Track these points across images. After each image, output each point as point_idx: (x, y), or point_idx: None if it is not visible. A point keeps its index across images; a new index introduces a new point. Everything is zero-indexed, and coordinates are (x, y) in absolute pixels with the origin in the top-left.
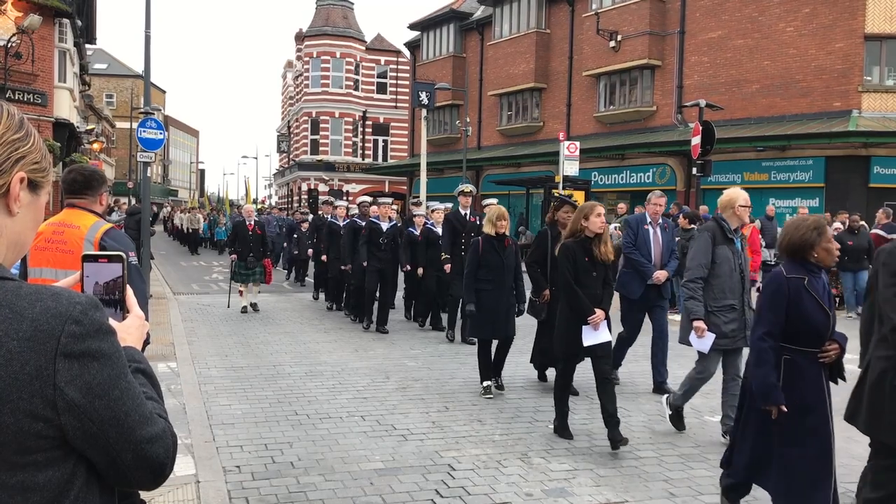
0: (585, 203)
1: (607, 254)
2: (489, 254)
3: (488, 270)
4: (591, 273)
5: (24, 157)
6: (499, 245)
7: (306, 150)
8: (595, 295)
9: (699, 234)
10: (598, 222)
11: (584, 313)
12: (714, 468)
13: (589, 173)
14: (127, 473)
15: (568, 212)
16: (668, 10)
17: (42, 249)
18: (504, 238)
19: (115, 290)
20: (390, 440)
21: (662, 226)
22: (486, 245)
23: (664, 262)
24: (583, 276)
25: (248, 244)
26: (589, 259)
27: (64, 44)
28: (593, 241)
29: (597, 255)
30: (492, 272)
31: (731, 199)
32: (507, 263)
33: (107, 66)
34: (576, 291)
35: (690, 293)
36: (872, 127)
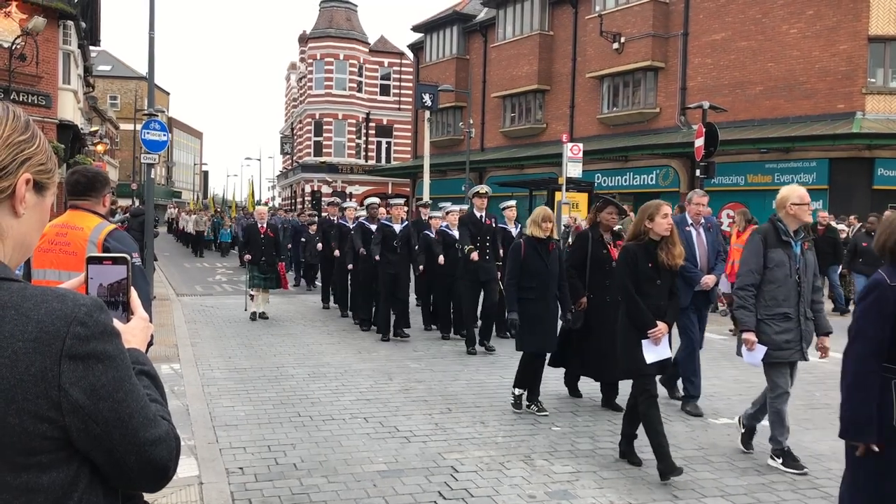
0: (650, 202)
1: (675, 259)
2: (532, 259)
3: (531, 277)
4: (654, 281)
5: (29, 158)
6: (543, 249)
7: (310, 151)
8: (658, 306)
9: (751, 237)
10: (665, 224)
11: (645, 326)
12: (717, 470)
13: (592, 175)
14: (130, 475)
15: (612, 213)
16: (671, 11)
17: (46, 251)
18: (549, 241)
19: (120, 291)
20: (393, 442)
21: (706, 226)
22: (529, 249)
23: (710, 266)
24: (646, 284)
25: (261, 248)
26: (653, 265)
27: (68, 46)
28: (659, 244)
29: (662, 260)
30: (535, 279)
31: (784, 197)
32: (551, 269)
33: (111, 68)
34: (637, 301)
35: (741, 302)
36: (876, 129)
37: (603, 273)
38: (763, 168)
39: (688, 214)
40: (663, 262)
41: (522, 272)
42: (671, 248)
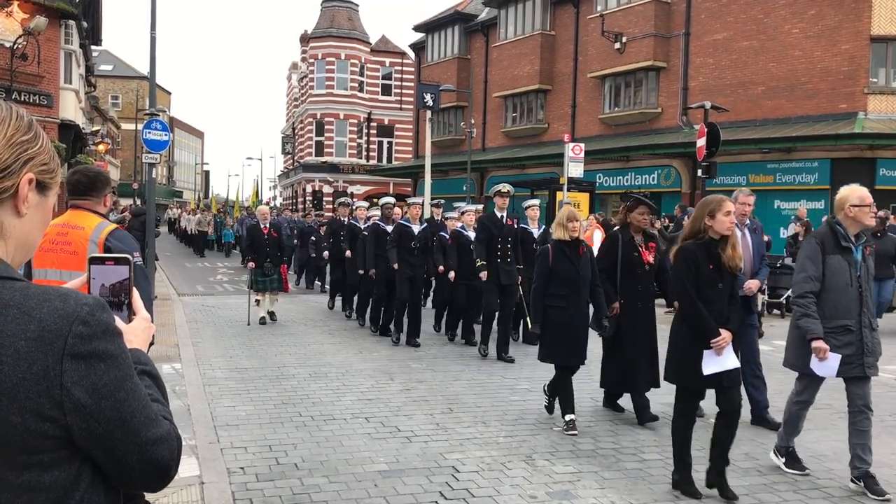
0: (710, 197)
1: (736, 260)
2: (561, 263)
3: (561, 283)
4: (716, 284)
5: (32, 158)
6: (572, 252)
7: (311, 151)
8: (720, 312)
9: (806, 241)
10: (727, 222)
11: (708, 335)
12: None
13: (594, 175)
14: (132, 475)
15: (643, 213)
16: (673, 11)
17: (47, 251)
18: (578, 244)
19: (122, 291)
20: (394, 442)
21: (751, 227)
22: (558, 253)
23: (755, 270)
24: (707, 287)
25: (265, 249)
26: (714, 267)
27: (70, 45)
28: (720, 244)
29: (724, 262)
30: (565, 285)
31: (843, 199)
32: (582, 275)
33: (112, 68)
34: (698, 308)
35: (802, 310)
36: (878, 129)
37: (635, 278)
38: (765, 168)
39: None
40: (725, 264)
41: (551, 278)
42: (731, 249)
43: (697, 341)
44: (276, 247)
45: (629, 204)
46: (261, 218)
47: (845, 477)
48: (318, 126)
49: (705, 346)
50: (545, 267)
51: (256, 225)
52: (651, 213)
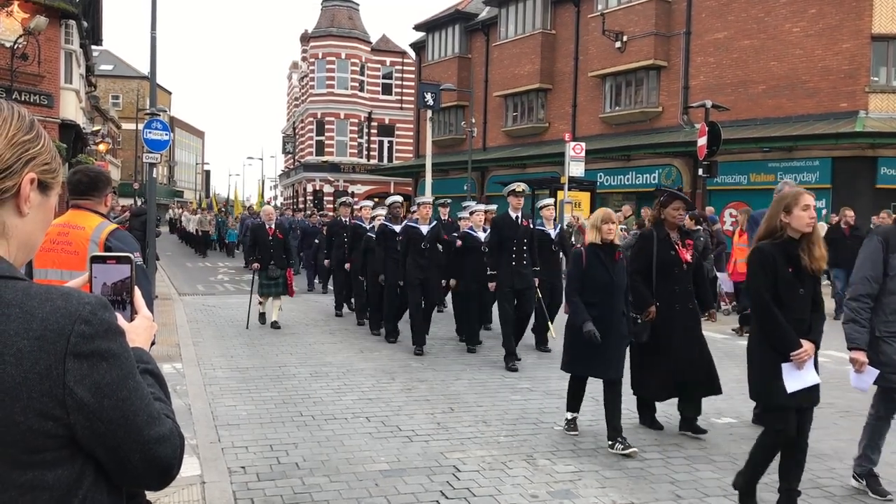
0: (787, 190)
1: (819, 262)
2: (595, 269)
3: (593, 290)
4: (796, 289)
5: (34, 157)
6: (607, 257)
7: (311, 151)
8: (802, 321)
9: (868, 239)
10: (806, 217)
11: (787, 346)
12: (720, 470)
13: (594, 174)
14: (135, 473)
15: (679, 208)
16: (673, 10)
17: (47, 250)
18: (614, 249)
19: (123, 290)
20: (395, 441)
21: None
22: (592, 258)
23: None
24: (786, 293)
25: (269, 251)
26: (794, 269)
27: (70, 45)
28: (800, 244)
29: (805, 264)
30: (598, 293)
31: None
32: (617, 281)
33: (113, 68)
34: (776, 316)
35: (852, 315)
36: (879, 128)
37: (671, 278)
38: (766, 167)
39: None
40: (806, 266)
41: (583, 285)
42: (812, 248)
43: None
44: (281, 249)
45: (663, 199)
46: (266, 218)
47: (847, 476)
48: (319, 125)
49: (784, 360)
50: (579, 269)
51: (261, 225)
52: (687, 209)
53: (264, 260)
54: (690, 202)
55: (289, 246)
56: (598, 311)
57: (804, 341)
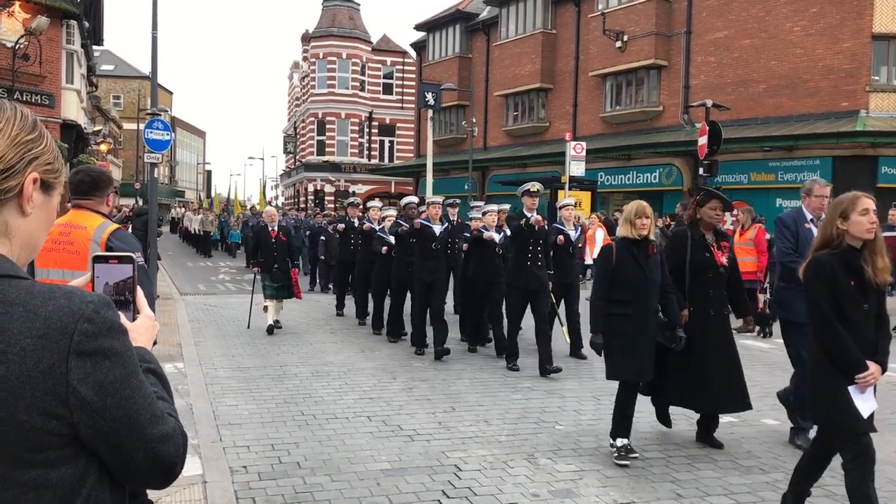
0: (844, 195)
1: (884, 273)
2: (627, 266)
3: (626, 288)
4: (859, 304)
5: (37, 157)
6: (640, 253)
7: (312, 150)
8: (866, 339)
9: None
10: (866, 224)
11: (853, 368)
12: (721, 469)
13: (595, 174)
14: (138, 472)
15: (716, 208)
16: (674, 10)
17: (49, 250)
18: (648, 244)
19: (126, 290)
20: (397, 440)
21: None
22: (623, 253)
23: None
24: (848, 307)
25: (272, 253)
26: (856, 282)
27: (71, 45)
28: (861, 253)
29: (868, 276)
30: (630, 290)
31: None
32: (651, 278)
33: (114, 68)
34: (839, 334)
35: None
36: (880, 127)
37: (705, 281)
38: (766, 166)
39: (806, 209)
40: (870, 279)
41: (614, 282)
42: (875, 259)
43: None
44: (284, 252)
45: (699, 197)
46: (268, 220)
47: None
48: (320, 125)
49: (849, 382)
50: (607, 268)
51: (264, 227)
52: (725, 208)
53: (267, 263)
54: (728, 201)
55: (293, 248)
56: (632, 308)
57: (871, 363)
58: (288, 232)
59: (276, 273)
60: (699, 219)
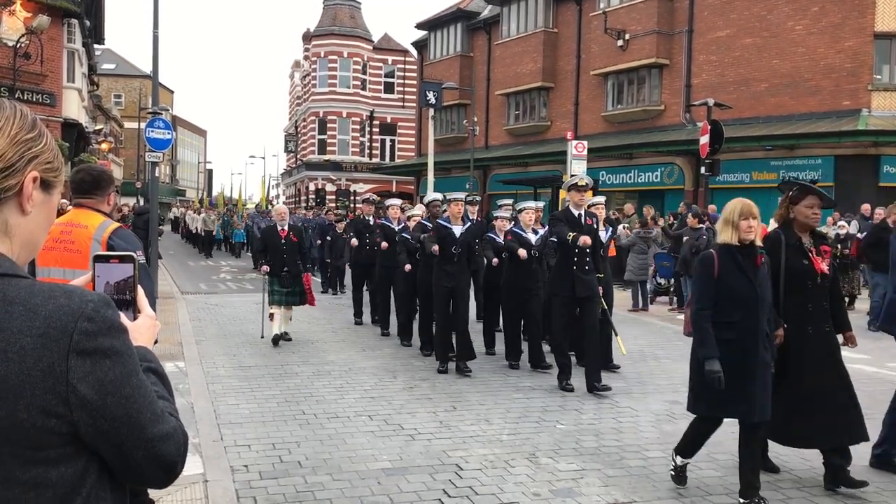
0: None
1: None
2: (733, 278)
3: (732, 305)
4: None
5: (36, 156)
6: (747, 263)
7: (314, 149)
8: None
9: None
10: None
11: None
12: (722, 468)
13: (597, 173)
14: (138, 471)
15: (813, 205)
16: (675, 8)
17: (50, 249)
18: (755, 251)
19: (126, 289)
20: (398, 440)
21: None
22: (727, 263)
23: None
24: None
25: (282, 255)
26: None
27: (72, 44)
28: None
29: None
30: (737, 308)
31: None
32: (760, 294)
33: (115, 67)
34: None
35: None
36: (882, 126)
37: (804, 293)
38: (768, 165)
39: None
40: None
41: (717, 299)
42: None
43: None
44: (295, 253)
45: (793, 193)
46: (277, 218)
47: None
48: (321, 124)
49: None
50: (709, 282)
51: (273, 227)
52: (824, 206)
53: (276, 266)
54: (829, 198)
55: (304, 249)
56: (737, 332)
57: None
58: (299, 232)
59: (285, 277)
60: (793, 219)
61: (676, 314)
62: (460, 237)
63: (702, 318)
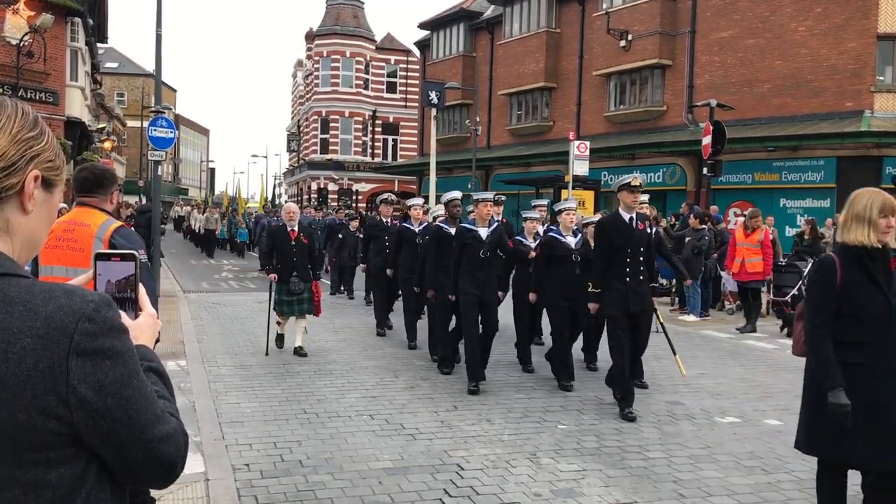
0: None
1: None
2: (860, 288)
3: (856, 324)
4: None
5: (38, 155)
6: (881, 269)
7: (316, 149)
8: None
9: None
10: None
11: None
12: (724, 469)
13: (599, 173)
14: (138, 471)
15: None
16: (678, 9)
17: (53, 247)
18: (887, 256)
19: (128, 288)
20: (399, 439)
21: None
22: (853, 270)
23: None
24: None
25: (291, 259)
26: None
27: (76, 43)
28: None
29: None
30: (864, 326)
31: None
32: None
33: (118, 65)
34: None
35: None
36: (885, 127)
37: None
38: (770, 166)
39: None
40: None
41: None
42: None
43: None
44: (305, 257)
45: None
46: (287, 218)
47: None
48: (324, 123)
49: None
50: (829, 292)
51: (282, 227)
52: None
53: (284, 271)
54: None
55: (314, 252)
56: (866, 355)
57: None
58: (310, 234)
59: (294, 283)
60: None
61: (678, 315)
62: (487, 240)
63: (819, 336)
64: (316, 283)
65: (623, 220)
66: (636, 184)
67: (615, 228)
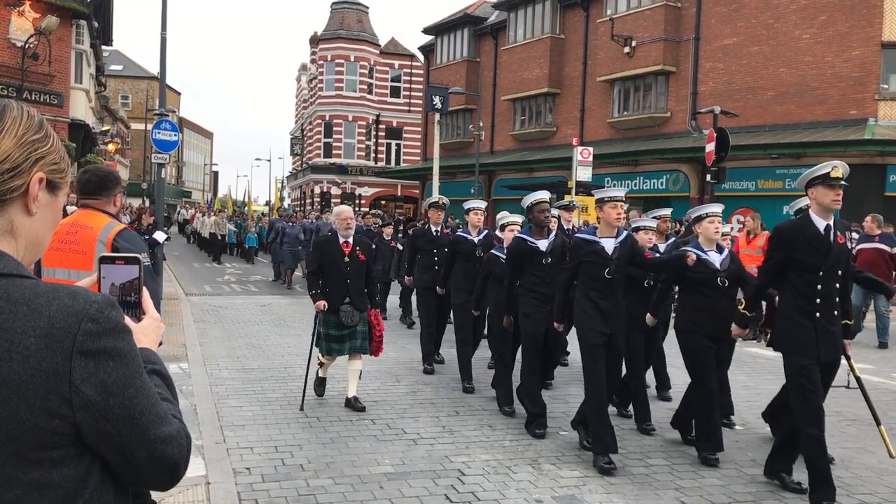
0: None
1: None
2: None
3: None
4: None
5: (42, 157)
6: None
7: (319, 153)
8: None
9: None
10: None
11: None
12: (725, 477)
13: (602, 179)
14: (141, 473)
15: None
16: (683, 16)
17: (55, 250)
18: None
19: (132, 291)
20: (400, 444)
21: None
22: None
23: None
24: None
25: (345, 281)
26: None
27: (80, 45)
28: None
29: None
30: None
31: None
32: None
33: (122, 68)
34: None
35: None
36: (889, 135)
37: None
38: (774, 174)
39: None
40: None
41: None
42: None
43: None
44: (361, 278)
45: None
46: (341, 226)
47: (853, 485)
48: (327, 127)
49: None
50: None
51: (330, 239)
52: None
53: (335, 296)
54: None
55: (372, 272)
56: None
57: None
58: (368, 248)
59: (346, 313)
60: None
61: None
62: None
63: None
64: (375, 311)
65: (816, 228)
66: (837, 175)
67: (804, 239)
